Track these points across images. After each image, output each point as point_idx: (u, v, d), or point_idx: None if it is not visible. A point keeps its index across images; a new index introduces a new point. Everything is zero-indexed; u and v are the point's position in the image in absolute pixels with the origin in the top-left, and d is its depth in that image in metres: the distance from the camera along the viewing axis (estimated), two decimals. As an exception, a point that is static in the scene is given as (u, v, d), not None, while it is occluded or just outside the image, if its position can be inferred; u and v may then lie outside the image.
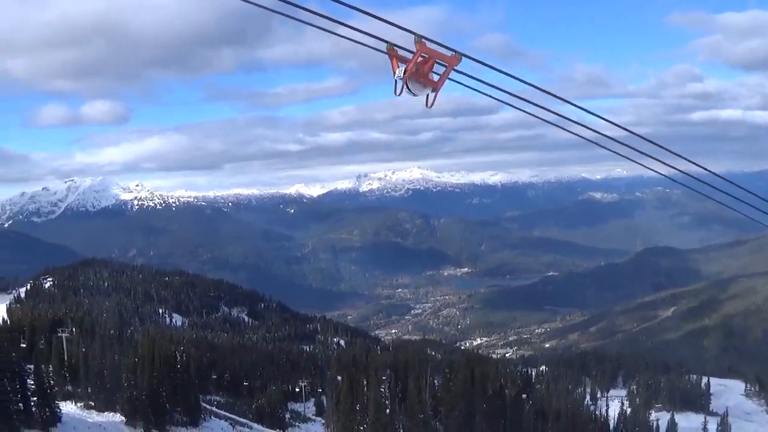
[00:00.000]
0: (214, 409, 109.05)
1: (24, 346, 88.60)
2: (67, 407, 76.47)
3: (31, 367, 68.90)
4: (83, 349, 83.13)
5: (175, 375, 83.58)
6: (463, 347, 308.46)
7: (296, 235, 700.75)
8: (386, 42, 10.78)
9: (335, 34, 10.91)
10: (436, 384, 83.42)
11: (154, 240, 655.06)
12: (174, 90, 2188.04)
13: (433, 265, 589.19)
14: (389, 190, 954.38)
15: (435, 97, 10.79)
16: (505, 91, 11.62)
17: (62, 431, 66.49)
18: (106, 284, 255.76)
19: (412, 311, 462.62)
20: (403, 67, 10.37)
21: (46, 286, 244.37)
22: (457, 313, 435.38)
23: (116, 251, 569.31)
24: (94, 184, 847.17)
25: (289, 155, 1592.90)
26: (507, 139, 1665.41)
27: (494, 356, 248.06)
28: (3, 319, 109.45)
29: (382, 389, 76.05)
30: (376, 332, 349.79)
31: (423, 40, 10.32)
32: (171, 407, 79.97)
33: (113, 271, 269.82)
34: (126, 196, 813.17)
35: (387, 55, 10.83)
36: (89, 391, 78.34)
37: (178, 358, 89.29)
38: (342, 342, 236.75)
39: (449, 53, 10.74)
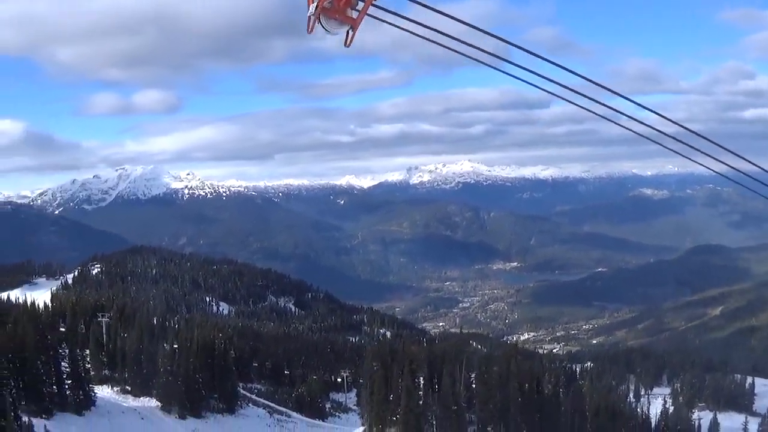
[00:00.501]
0: (254, 397, 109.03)
1: (63, 330, 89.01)
2: (104, 391, 76.99)
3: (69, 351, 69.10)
4: (123, 335, 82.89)
5: (212, 362, 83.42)
6: (509, 342, 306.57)
7: (346, 226, 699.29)
8: (438, 32, 9.68)
9: (388, 22, 9.88)
10: (472, 377, 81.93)
11: (205, 229, 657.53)
12: (225, 80, 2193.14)
13: (482, 259, 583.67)
14: (440, 183, 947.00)
15: (353, 35, 9.42)
16: (556, 83, 10.62)
17: (96, 414, 66.61)
18: (153, 272, 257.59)
19: (460, 305, 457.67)
20: (316, 2, 9.05)
21: (94, 272, 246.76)
22: (505, 307, 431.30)
23: (166, 239, 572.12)
24: (146, 172, 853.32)
25: (340, 146, 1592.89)
26: (558, 134, 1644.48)
27: (541, 351, 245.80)
28: (45, 304, 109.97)
29: (417, 380, 74.68)
30: (424, 325, 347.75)
31: None
32: (207, 393, 79.74)
33: (161, 259, 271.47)
34: (177, 185, 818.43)
35: None
36: (126, 376, 78.33)
37: (217, 345, 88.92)
38: (388, 333, 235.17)
39: None
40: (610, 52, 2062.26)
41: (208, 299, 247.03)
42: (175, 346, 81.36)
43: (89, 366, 72.45)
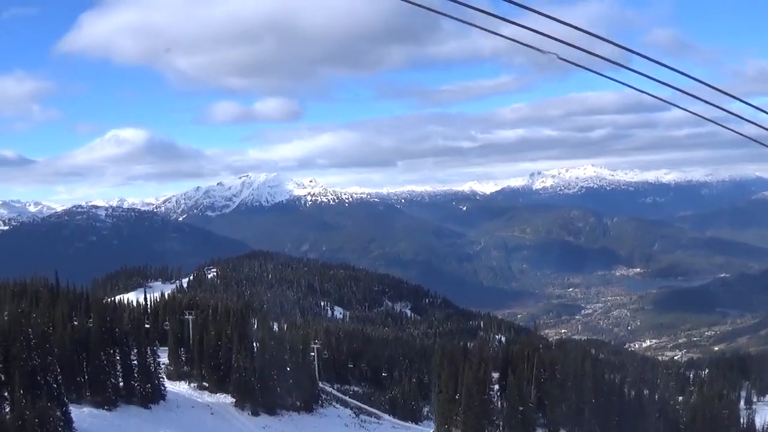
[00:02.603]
0: (345, 397, 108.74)
1: (147, 327, 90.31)
2: (180, 387, 77.56)
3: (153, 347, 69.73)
4: (209, 332, 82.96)
5: (292, 361, 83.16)
6: (631, 349, 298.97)
7: (468, 233, 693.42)
8: (554, 39, 9.39)
9: (499, 35, 10.05)
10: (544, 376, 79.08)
11: (327, 235, 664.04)
12: (345, 87, 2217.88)
13: (604, 265, 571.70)
14: (562, 188, 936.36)
15: None
16: (675, 88, 10.53)
17: (163, 408, 66.85)
18: (269, 276, 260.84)
19: (583, 311, 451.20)
20: None
21: (209, 276, 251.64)
22: (628, 314, 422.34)
23: (289, 246, 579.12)
24: (268, 179, 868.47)
25: (461, 152, 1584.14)
26: (680, 137, 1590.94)
27: (662, 358, 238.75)
28: (138, 302, 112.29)
29: (486, 380, 72.47)
30: (546, 332, 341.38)
31: None
32: (283, 391, 79.17)
33: (278, 264, 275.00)
34: (300, 192, 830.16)
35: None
36: (203, 372, 78.60)
37: (300, 345, 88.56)
38: (503, 339, 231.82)
39: None
40: (730, 53, 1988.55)
41: (322, 303, 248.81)
42: (255, 344, 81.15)
43: (161, 361, 72.66)
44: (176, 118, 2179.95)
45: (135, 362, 66.52)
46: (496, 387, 76.61)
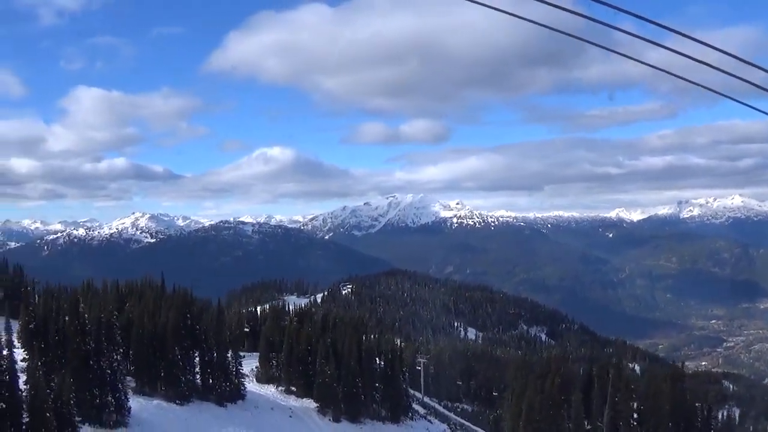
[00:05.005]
0: (449, 413, 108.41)
1: (247, 330, 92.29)
2: (267, 389, 78.82)
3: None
4: (301, 339, 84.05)
5: (382, 372, 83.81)
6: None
7: (613, 260, 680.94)
8: (704, 64, 9.08)
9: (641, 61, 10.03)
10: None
11: (471, 258, 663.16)
12: (491, 109, 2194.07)
13: (748, 297, 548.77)
14: (709, 218, 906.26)
15: None
16: None
17: (240, 408, 68.18)
18: (404, 294, 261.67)
19: (724, 344, 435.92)
20: None
21: (344, 292, 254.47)
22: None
23: (433, 267, 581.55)
24: (415, 200, 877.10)
25: (608, 178, 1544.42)
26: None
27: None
28: (248, 309, 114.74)
29: (554, 395, 70.78)
30: (686, 363, 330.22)
31: None
32: (368, 400, 79.41)
33: (415, 283, 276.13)
34: (446, 214, 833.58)
35: None
36: (291, 376, 79.62)
37: (397, 359, 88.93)
38: (637, 368, 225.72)
39: None
40: None
41: (456, 324, 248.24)
42: (343, 350, 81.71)
43: (242, 361, 73.69)
44: (323, 137, 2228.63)
45: (215, 362, 68.16)
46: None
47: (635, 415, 69.88)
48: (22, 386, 35.77)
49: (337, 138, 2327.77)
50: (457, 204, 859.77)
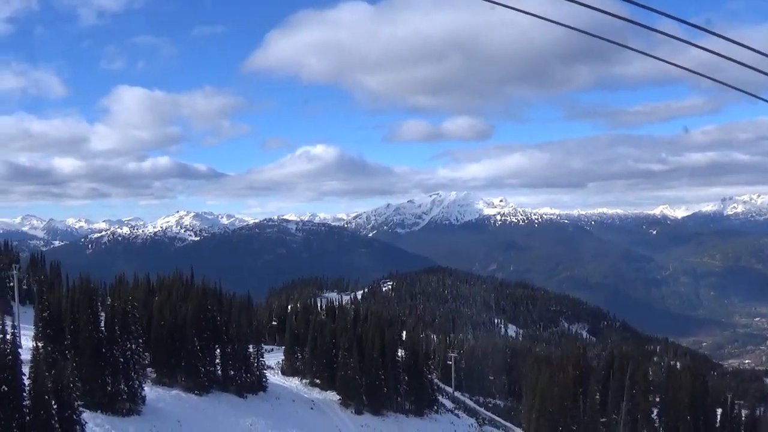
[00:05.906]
0: (479, 408, 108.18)
1: (275, 324, 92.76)
2: (292, 382, 79.41)
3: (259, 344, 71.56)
4: (326, 332, 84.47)
5: (406, 366, 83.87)
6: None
7: (657, 257, 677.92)
8: (745, 67, 9.19)
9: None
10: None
11: (515, 255, 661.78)
12: (533, 106, 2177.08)
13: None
14: (753, 215, 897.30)
15: None
16: None
17: (260, 399, 68.57)
18: (445, 291, 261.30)
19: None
20: None
21: (384, 289, 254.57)
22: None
23: (477, 265, 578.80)
24: (458, 198, 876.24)
25: (652, 175, 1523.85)
26: None
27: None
28: (277, 303, 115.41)
29: (568, 386, 70.33)
30: (729, 361, 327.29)
31: None
32: (391, 393, 79.52)
33: (456, 280, 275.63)
34: (489, 211, 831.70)
35: None
36: (314, 369, 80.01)
37: (419, 350, 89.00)
38: (678, 365, 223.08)
39: None
40: None
41: (496, 321, 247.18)
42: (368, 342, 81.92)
43: (269, 354, 74.30)
44: (365, 135, 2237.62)
45: (236, 353, 68.72)
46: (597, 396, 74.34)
47: (654, 409, 69.55)
48: (26, 371, 36.46)
49: (380, 136, 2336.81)
50: (501, 201, 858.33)
